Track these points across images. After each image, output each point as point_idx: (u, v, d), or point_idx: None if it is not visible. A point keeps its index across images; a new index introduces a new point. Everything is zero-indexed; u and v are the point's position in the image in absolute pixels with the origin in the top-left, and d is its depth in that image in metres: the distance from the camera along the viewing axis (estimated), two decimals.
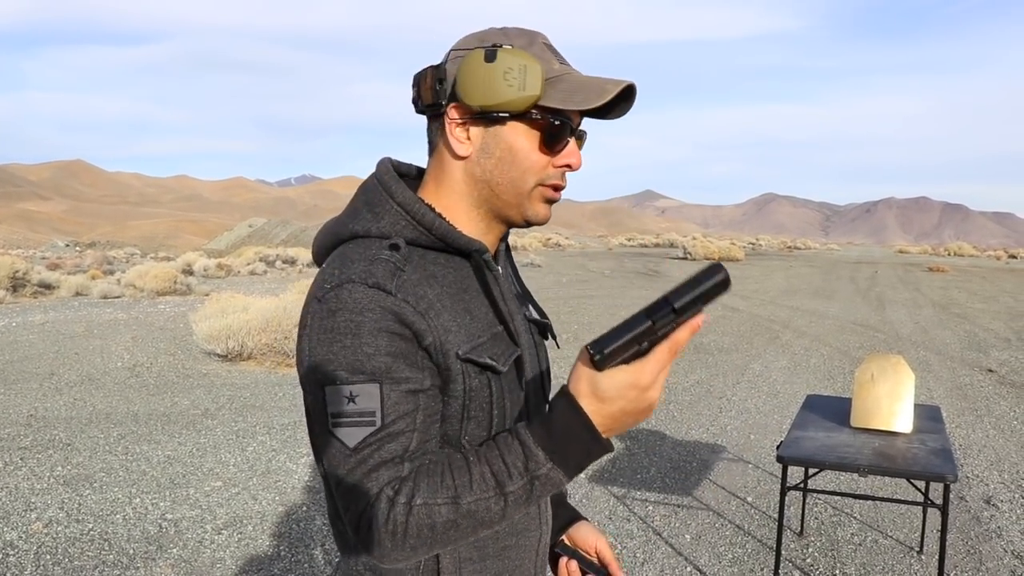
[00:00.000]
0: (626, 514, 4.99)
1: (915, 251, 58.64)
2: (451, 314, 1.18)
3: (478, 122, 1.22)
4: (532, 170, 1.23)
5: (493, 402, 1.21)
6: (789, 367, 9.88)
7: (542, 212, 1.27)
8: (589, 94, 1.18)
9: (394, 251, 1.17)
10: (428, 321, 1.14)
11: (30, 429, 6.72)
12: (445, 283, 1.20)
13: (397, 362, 1.11)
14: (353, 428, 1.10)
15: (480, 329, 1.21)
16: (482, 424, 1.21)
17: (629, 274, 25.56)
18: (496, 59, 1.16)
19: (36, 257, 34.28)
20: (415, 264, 1.19)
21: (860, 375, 3.96)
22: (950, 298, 19.09)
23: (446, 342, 1.15)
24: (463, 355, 1.16)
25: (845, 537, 4.70)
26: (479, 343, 1.20)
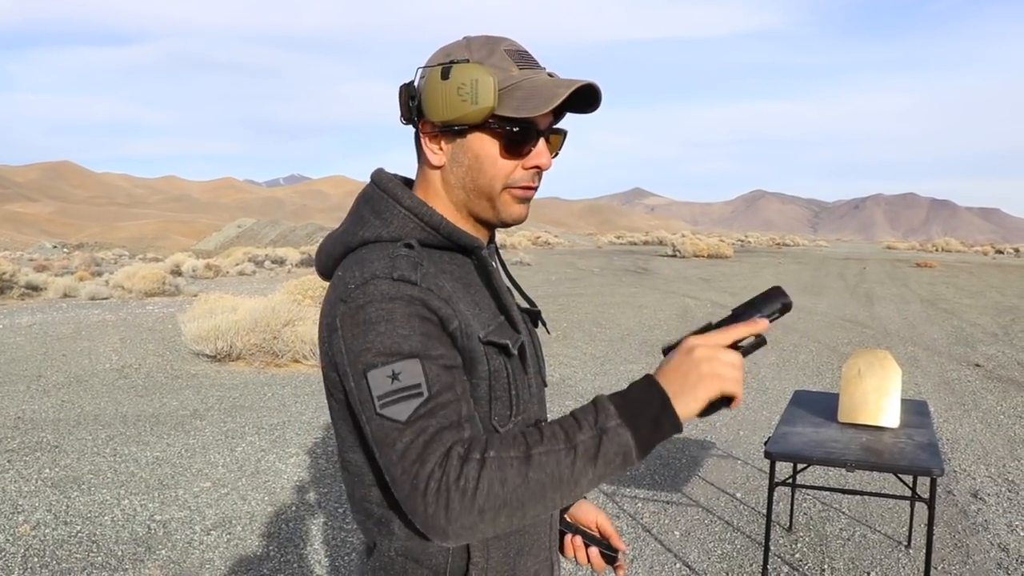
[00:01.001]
0: (615, 511, 5.00)
1: (903, 247, 58.86)
2: (466, 304, 1.26)
3: (445, 135, 1.30)
4: (499, 176, 1.29)
5: (511, 383, 1.29)
6: (778, 363, 9.91)
7: (515, 212, 1.33)
8: (539, 100, 1.23)
9: (411, 248, 1.25)
10: (452, 307, 1.21)
11: (17, 431, 6.69)
12: (455, 277, 1.30)
13: (431, 341, 1.16)
14: (402, 404, 1.12)
15: (489, 318, 1.30)
16: (505, 404, 1.29)
17: (618, 272, 25.58)
18: (450, 76, 1.24)
19: (23, 259, 34.11)
20: (429, 261, 1.27)
21: (847, 370, 3.97)
22: (938, 294, 19.18)
23: (469, 326, 1.23)
24: (484, 338, 1.25)
25: (833, 532, 4.72)
26: (491, 329, 1.28)
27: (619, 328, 12.70)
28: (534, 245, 44.48)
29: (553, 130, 1.33)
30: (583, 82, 1.25)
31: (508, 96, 1.25)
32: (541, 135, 1.30)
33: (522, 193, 1.32)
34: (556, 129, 1.34)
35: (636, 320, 13.64)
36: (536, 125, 1.28)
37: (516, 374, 1.32)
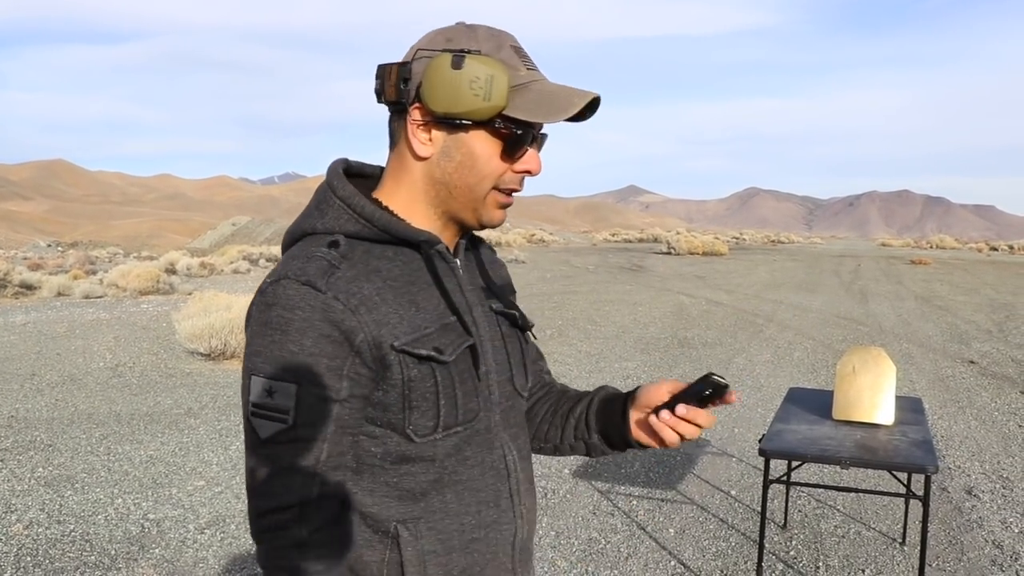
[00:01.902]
0: (610, 509, 5.00)
1: (897, 244, 58.96)
2: (392, 307, 1.20)
3: (441, 125, 1.23)
4: (491, 176, 1.25)
5: (439, 392, 1.22)
6: (772, 360, 9.92)
7: (496, 216, 1.30)
8: (554, 107, 1.20)
9: (332, 248, 1.21)
10: (359, 317, 1.16)
11: (11, 430, 6.66)
12: (390, 276, 1.23)
13: (318, 366, 1.15)
14: (267, 421, 1.15)
15: (427, 320, 1.23)
16: (427, 414, 1.22)
17: (613, 269, 25.59)
18: (463, 67, 1.17)
19: (17, 257, 34.02)
20: (356, 259, 1.21)
21: (841, 367, 3.97)
22: (932, 291, 19.21)
23: (379, 335, 1.18)
24: (399, 346, 1.18)
25: (828, 529, 4.73)
26: (424, 334, 1.21)
27: (614, 326, 12.70)
28: (529, 243, 44.48)
29: (542, 135, 1.30)
30: (595, 94, 1.23)
31: (518, 96, 1.21)
32: (536, 140, 1.28)
33: (507, 198, 1.29)
34: (543, 134, 1.31)
35: (631, 318, 13.64)
36: (535, 129, 1.26)
37: (457, 381, 1.24)
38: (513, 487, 1.33)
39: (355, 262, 1.21)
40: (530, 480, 1.40)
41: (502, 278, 1.46)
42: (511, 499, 1.33)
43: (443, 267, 1.28)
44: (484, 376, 1.29)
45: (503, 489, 1.32)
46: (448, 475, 1.25)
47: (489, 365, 1.31)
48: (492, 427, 1.31)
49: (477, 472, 1.28)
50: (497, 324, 1.37)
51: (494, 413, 1.31)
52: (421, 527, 1.23)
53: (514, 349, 1.39)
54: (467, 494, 1.27)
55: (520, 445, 1.38)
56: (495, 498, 1.30)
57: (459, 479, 1.26)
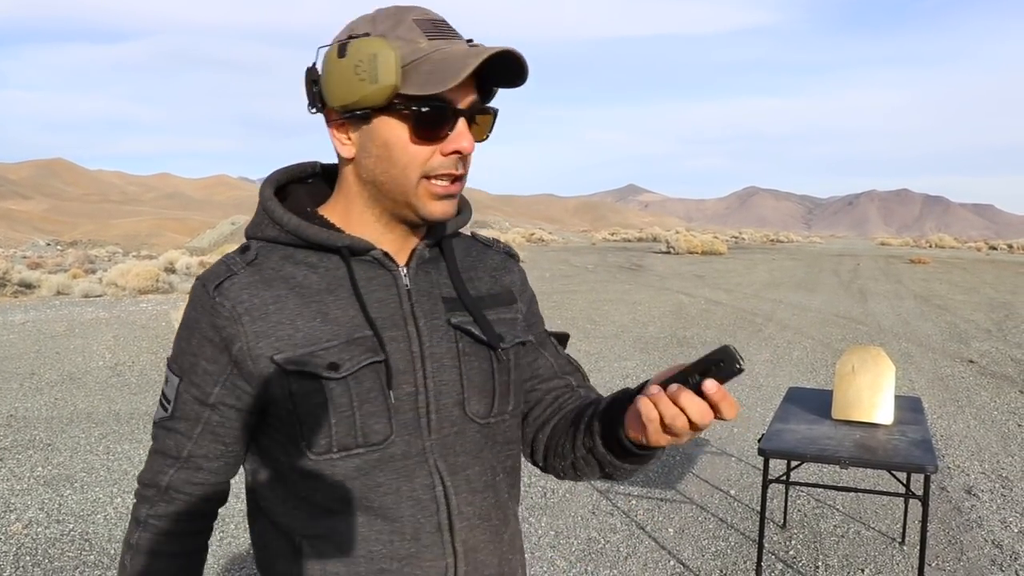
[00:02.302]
0: (609, 508, 5.00)
1: (897, 243, 58.96)
2: (289, 316, 1.16)
3: (352, 122, 1.16)
4: (412, 164, 1.14)
5: (330, 409, 1.14)
6: (772, 360, 9.92)
7: (433, 208, 1.17)
8: (447, 74, 1.08)
9: (243, 253, 1.21)
10: (240, 326, 1.15)
11: (10, 429, 6.66)
12: (303, 284, 1.18)
13: (198, 366, 1.19)
14: (160, 406, 1.25)
15: (333, 332, 1.16)
16: (319, 431, 1.15)
17: (612, 268, 25.59)
18: (347, 53, 1.11)
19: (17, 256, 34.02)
20: (265, 266, 1.19)
21: (841, 367, 3.97)
22: (931, 290, 19.21)
23: (257, 346, 1.15)
24: (279, 359, 1.14)
25: (827, 529, 4.73)
26: (321, 347, 1.15)
27: (613, 325, 12.70)
28: (528, 242, 44.49)
29: (480, 109, 1.17)
30: (496, 49, 1.09)
31: (414, 71, 1.10)
32: (460, 115, 1.14)
33: (441, 185, 1.15)
34: (484, 108, 1.17)
35: (630, 317, 13.64)
36: (451, 103, 1.12)
37: (353, 401, 1.15)
38: (443, 522, 1.20)
39: (262, 268, 1.18)
40: (484, 516, 1.25)
41: (490, 287, 1.32)
42: (440, 534, 1.20)
43: (375, 275, 1.20)
44: (407, 398, 1.18)
45: (427, 523, 1.19)
46: (356, 498, 1.17)
47: (418, 386, 1.18)
48: (414, 454, 1.18)
49: (391, 500, 1.17)
50: (455, 340, 1.22)
51: (422, 439, 1.19)
52: (327, 546, 1.19)
53: (474, 369, 1.23)
54: (379, 522, 1.18)
55: (472, 477, 1.23)
56: (414, 531, 1.18)
57: (370, 504, 1.17)
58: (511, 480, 1.33)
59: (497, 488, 1.28)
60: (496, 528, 1.27)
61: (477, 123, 1.17)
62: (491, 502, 1.26)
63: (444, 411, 1.20)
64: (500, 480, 1.28)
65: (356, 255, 1.19)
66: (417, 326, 1.19)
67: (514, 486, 1.34)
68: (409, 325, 1.19)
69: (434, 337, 1.20)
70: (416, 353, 1.19)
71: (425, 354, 1.19)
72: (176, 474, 1.23)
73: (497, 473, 1.28)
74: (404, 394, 1.17)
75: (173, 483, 1.23)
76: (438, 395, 1.19)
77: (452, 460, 1.21)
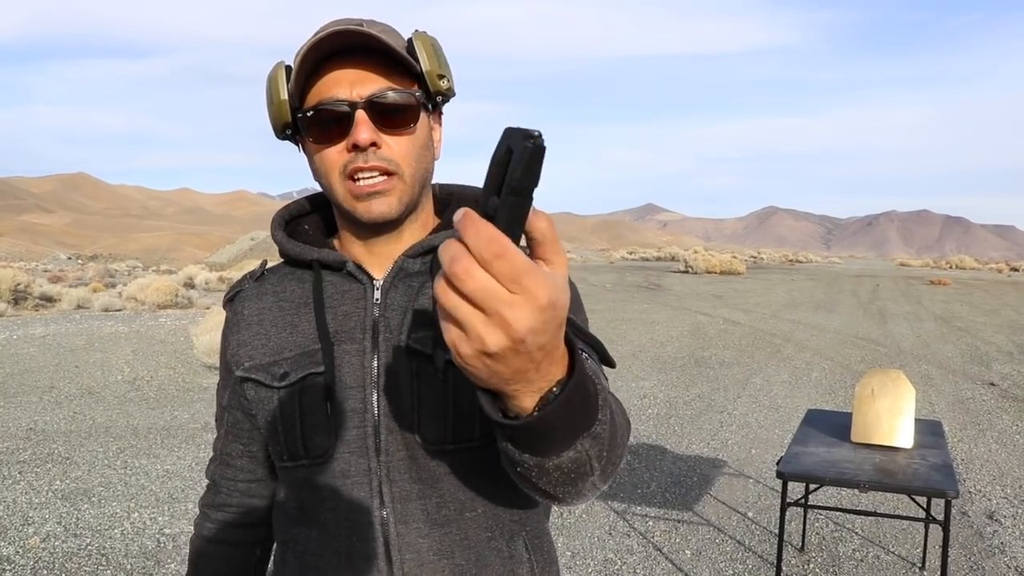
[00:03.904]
0: (626, 529, 4.97)
1: (917, 264, 58.59)
2: (266, 328, 1.22)
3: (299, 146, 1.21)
4: (329, 170, 1.13)
5: (277, 417, 1.17)
6: (790, 381, 9.86)
7: (360, 208, 1.13)
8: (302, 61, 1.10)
9: (260, 268, 1.30)
10: (231, 336, 1.25)
11: (29, 443, 6.70)
12: (289, 298, 1.23)
13: (222, 371, 1.30)
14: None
15: (296, 343, 1.18)
16: (274, 439, 1.19)
17: (630, 288, 25.54)
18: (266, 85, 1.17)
19: (38, 270, 34.32)
20: (269, 281, 1.27)
21: (860, 390, 3.94)
22: (952, 311, 19.06)
23: (237, 355, 1.23)
24: (248, 366, 1.21)
25: (846, 553, 4.68)
26: (282, 357, 1.18)
27: (631, 345, 12.66)
28: None
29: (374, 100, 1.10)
30: (329, 31, 1.07)
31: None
32: (355, 108, 1.10)
33: (363, 186, 1.11)
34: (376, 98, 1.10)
35: (648, 337, 13.60)
36: (328, 100, 1.10)
37: (297, 412, 1.15)
38: (380, 550, 1.13)
39: (264, 283, 1.26)
40: (444, 553, 1.14)
41: None
42: (375, 561, 1.14)
43: (348, 288, 1.19)
44: (352, 414, 1.14)
45: (361, 547, 1.13)
46: (309, 509, 1.18)
47: (366, 403, 1.13)
48: (356, 473, 1.13)
49: (331, 517, 1.15)
50: (415, 359, 1.13)
51: (368, 459, 1.13)
52: (291, 554, 1.22)
53: (430, 390, 1.12)
54: (324, 537, 1.16)
55: (430, 508, 1.13)
56: (348, 553, 1.14)
57: (316, 517, 1.17)
58: (501, 516, 1.17)
59: (468, 524, 1.14)
60: (461, 570, 1.14)
61: (388, 114, 1.12)
62: (455, 539, 1.14)
63: (396, 433, 1.13)
64: (476, 517, 1.15)
65: (331, 269, 1.20)
66: (376, 342, 1.15)
67: (516, 523, 1.19)
68: (366, 340, 1.15)
69: (393, 354, 1.14)
70: (368, 369, 1.14)
71: (379, 371, 1.14)
72: (216, 468, 1.36)
73: (471, 509, 1.15)
74: (349, 410, 1.14)
75: (215, 477, 1.36)
76: (389, 415, 1.13)
77: (402, 487, 1.13)
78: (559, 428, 0.74)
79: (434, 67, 1.13)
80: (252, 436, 1.30)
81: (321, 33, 1.07)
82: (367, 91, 1.10)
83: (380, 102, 1.10)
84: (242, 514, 1.35)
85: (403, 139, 1.13)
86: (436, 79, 1.13)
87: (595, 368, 1.00)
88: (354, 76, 1.10)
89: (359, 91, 1.10)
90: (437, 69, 1.13)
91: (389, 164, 1.11)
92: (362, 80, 1.10)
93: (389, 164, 1.11)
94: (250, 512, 1.35)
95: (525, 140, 0.62)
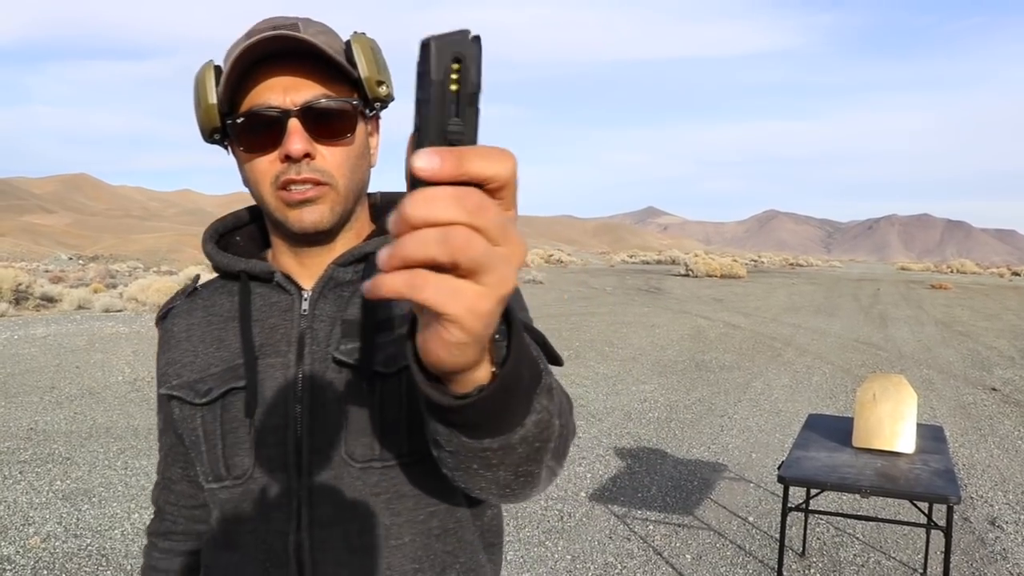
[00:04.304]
0: (627, 533, 4.96)
1: (917, 268, 58.59)
2: (194, 345, 1.16)
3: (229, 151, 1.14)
4: (261, 179, 1.07)
5: (200, 436, 1.12)
6: (791, 385, 9.85)
7: (291, 218, 1.07)
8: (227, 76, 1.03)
9: (191, 283, 1.24)
10: (162, 356, 1.20)
11: (30, 443, 6.70)
12: (218, 312, 1.17)
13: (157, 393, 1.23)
14: None
15: (222, 359, 1.13)
16: (199, 459, 1.13)
17: (631, 291, 25.54)
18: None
19: (39, 270, 34.33)
20: (201, 296, 1.21)
21: (862, 395, 3.94)
22: (953, 316, 19.06)
23: (166, 374, 1.18)
24: (175, 384, 1.16)
25: (847, 558, 4.67)
26: (207, 374, 1.13)
27: (631, 348, 12.66)
28: (547, 263, 44.50)
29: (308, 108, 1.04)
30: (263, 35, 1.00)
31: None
32: (288, 116, 1.03)
33: (294, 194, 1.05)
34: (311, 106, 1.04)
35: (649, 340, 13.60)
36: (259, 107, 1.04)
37: (219, 430, 1.10)
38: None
39: (196, 298, 1.21)
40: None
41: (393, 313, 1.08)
42: None
43: (277, 300, 1.13)
44: (273, 431, 1.07)
45: (276, 573, 1.07)
46: (232, 533, 1.11)
47: (288, 420, 1.07)
48: (276, 495, 1.07)
49: (251, 541, 1.09)
50: (343, 372, 1.07)
51: (289, 479, 1.06)
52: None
53: (357, 404, 1.05)
54: (243, 563, 1.10)
55: (350, 533, 1.05)
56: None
57: (238, 541, 1.11)
58: (432, 546, 1.08)
59: (392, 554, 1.06)
60: None
61: (324, 123, 1.06)
62: (377, 569, 1.05)
63: (321, 451, 1.06)
64: (403, 546, 1.06)
65: (260, 280, 1.14)
66: (301, 354, 1.08)
67: (450, 555, 1.09)
68: (291, 353, 1.09)
69: (320, 367, 1.08)
70: (291, 384, 1.08)
71: (303, 386, 1.07)
72: (159, 494, 1.29)
73: (397, 536, 1.06)
74: (270, 426, 1.07)
75: (159, 503, 1.29)
76: (313, 432, 1.06)
77: (324, 510, 1.05)
78: (519, 388, 0.68)
79: (372, 72, 1.06)
80: (188, 459, 1.21)
81: (255, 36, 1.01)
82: (301, 98, 1.04)
83: (315, 110, 1.04)
84: (189, 540, 1.28)
85: (338, 149, 1.07)
86: (375, 85, 1.07)
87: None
88: (288, 82, 1.04)
89: (293, 98, 1.04)
90: (376, 75, 1.07)
91: (323, 176, 1.05)
92: (296, 86, 1.04)
93: (323, 176, 1.05)
94: (198, 538, 1.27)
95: (471, 40, 0.52)
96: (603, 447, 6.81)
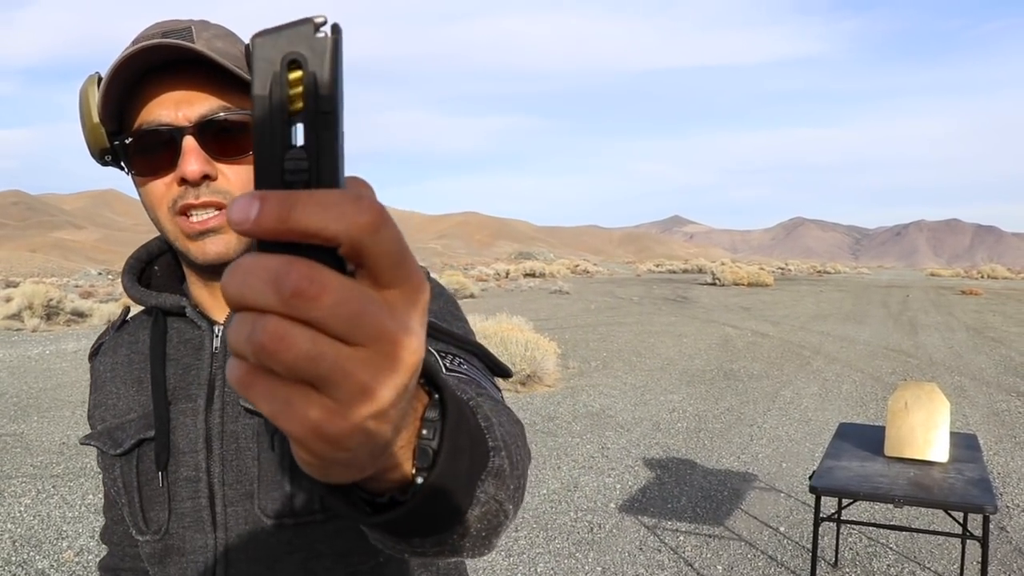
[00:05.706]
0: (657, 544, 4.93)
1: (947, 274, 57.99)
2: (117, 386, 1.08)
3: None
4: (157, 204, 0.96)
5: (120, 489, 1.04)
6: (820, 393, 9.76)
7: (195, 250, 0.95)
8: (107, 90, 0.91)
9: (121, 316, 1.15)
10: (91, 397, 1.12)
11: (62, 457, 6.77)
12: (138, 349, 1.08)
13: None
14: None
15: (140, 403, 1.04)
16: (124, 511, 1.06)
17: (658, 300, 25.46)
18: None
19: (69, 285, 34.76)
20: (126, 331, 1.13)
21: (893, 404, 3.90)
22: (984, 322, 18.82)
23: (92, 419, 1.11)
24: (99, 429, 1.07)
25: (881, 569, 4.61)
26: (126, 420, 1.05)
27: (659, 358, 12.61)
28: (573, 274, 44.48)
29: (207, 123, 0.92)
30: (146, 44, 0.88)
31: None
32: (183, 134, 0.92)
33: (195, 224, 0.93)
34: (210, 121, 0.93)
35: (676, 349, 13.54)
36: (149, 124, 0.92)
37: (136, 482, 1.02)
38: None
39: (122, 333, 1.12)
40: None
41: None
42: None
43: (191, 336, 1.04)
44: (186, 483, 0.99)
45: None
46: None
47: (199, 470, 0.99)
48: (194, 551, 1.00)
49: None
50: (255, 418, 0.98)
51: (205, 534, 0.99)
52: None
53: (271, 459, 0.97)
54: None
55: None
56: None
57: None
58: None
59: None
60: None
61: (223, 139, 0.94)
62: None
63: (235, 504, 0.98)
64: None
65: (173, 315, 1.05)
66: (212, 397, 0.99)
67: None
68: (200, 399, 1.00)
69: (231, 414, 0.98)
70: (202, 431, 0.99)
71: (213, 433, 0.99)
72: (105, 533, 1.22)
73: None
74: (183, 478, 0.99)
75: (106, 541, 1.22)
76: (225, 483, 0.98)
77: (240, 567, 0.97)
78: (455, 485, 0.53)
79: None
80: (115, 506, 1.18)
81: (137, 45, 0.89)
82: (196, 113, 0.92)
83: (213, 125, 0.93)
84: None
85: (242, 168, 0.94)
86: None
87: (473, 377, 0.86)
88: (180, 95, 0.92)
89: (186, 113, 0.92)
90: None
91: (226, 198, 0.93)
92: (189, 100, 0.92)
93: (226, 198, 0.93)
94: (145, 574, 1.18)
95: (316, 33, 0.36)
96: (632, 458, 6.78)
